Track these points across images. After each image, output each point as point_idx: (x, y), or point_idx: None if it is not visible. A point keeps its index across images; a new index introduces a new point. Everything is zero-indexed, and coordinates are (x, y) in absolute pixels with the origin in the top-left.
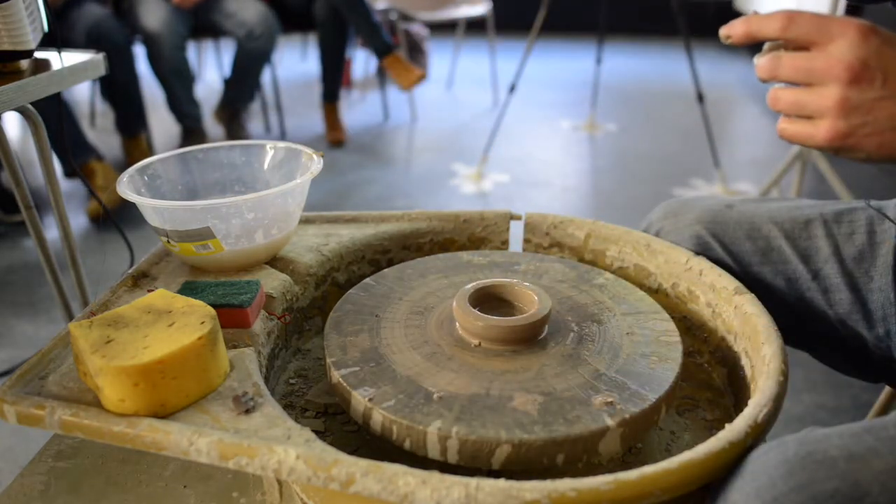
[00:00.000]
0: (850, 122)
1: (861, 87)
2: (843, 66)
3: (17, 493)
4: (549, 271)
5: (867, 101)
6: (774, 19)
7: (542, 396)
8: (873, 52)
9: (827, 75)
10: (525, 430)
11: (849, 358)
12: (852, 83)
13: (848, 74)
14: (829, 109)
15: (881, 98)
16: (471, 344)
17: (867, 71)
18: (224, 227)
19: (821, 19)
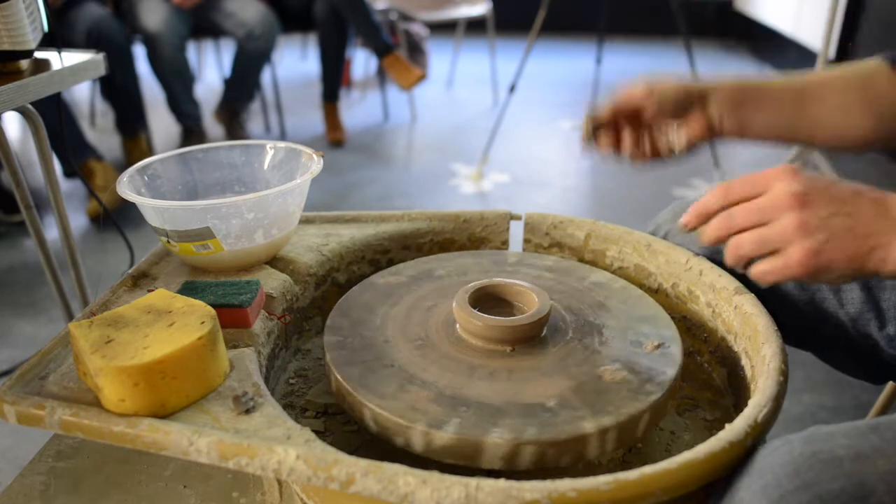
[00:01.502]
0: (816, 239)
1: (812, 209)
2: (791, 197)
3: (17, 493)
4: (548, 271)
5: (822, 219)
6: (714, 195)
7: (542, 396)
8: (808, 183)
9: (779, 208)
10: (527, 430)
11: (856, 359)
12: (804, 207)
13: (797, 201)
14: (792, 234)
15: (832, 215)
16: (471, 343)
17: (811, 196)
18: (224, 227)
19: (753, 176)
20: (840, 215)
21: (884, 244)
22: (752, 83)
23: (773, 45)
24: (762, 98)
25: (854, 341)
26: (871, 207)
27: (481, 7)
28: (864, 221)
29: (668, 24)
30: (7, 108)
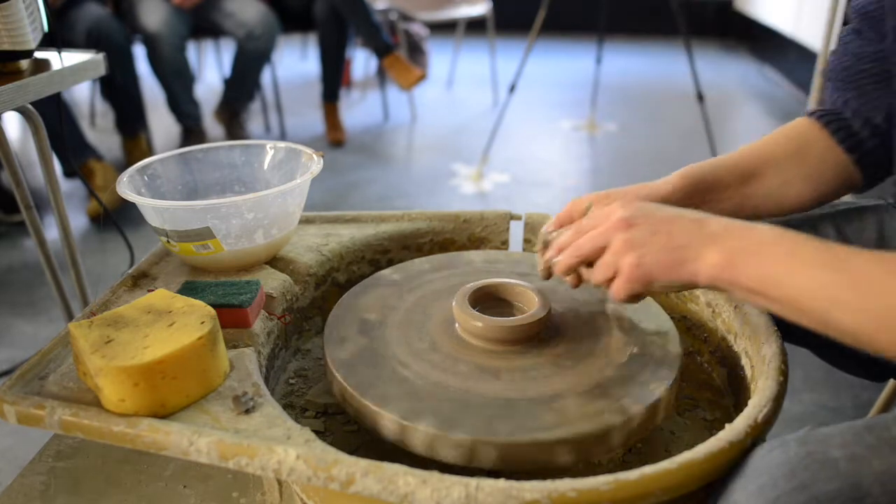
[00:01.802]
0: (638, 253)
1: (636, 229)
2: (618, 222)
3: (17, 493)
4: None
5: (643, 236)
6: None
7: (542, 396)
8: (636, 209)
9: (612, 230)
10: (528, 431)
11: (854, 357)
12: (629, 228)
13: (623, 224)
14: (622, 251)
15: (653, 233)
16: (471, 344)
17: (635, 220)
18: (224, 227)
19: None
20: (659, 233)
21: (694, 257)
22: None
23: (773, 45)
24: (710, 191)
25: None
26: (688, 225)
27: (481, 7)
28: (679, 236)
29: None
30: (7, 108)
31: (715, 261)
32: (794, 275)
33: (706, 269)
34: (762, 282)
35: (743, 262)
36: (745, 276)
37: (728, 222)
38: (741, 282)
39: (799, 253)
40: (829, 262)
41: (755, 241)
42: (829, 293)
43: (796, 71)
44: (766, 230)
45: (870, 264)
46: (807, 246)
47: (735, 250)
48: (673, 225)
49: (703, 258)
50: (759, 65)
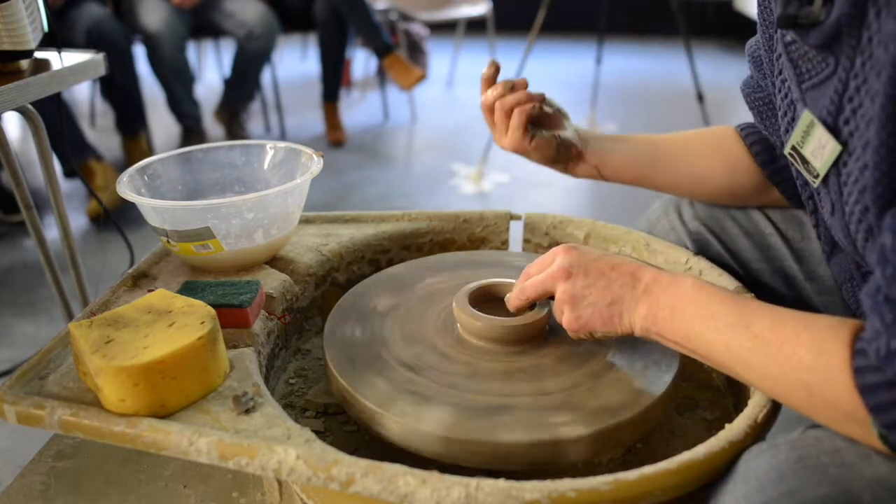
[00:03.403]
0: (575, 308)
1: (572, 281)
2: (557, 272)
3: (17, 493)
4: None
5: (580, 289)
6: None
7: (542, 397)
8: (574, 259)
9: (552, 280)
10: (527, 431)
11: None
12: (566, 280)
13: (561, 275)
14: (561, 303)
15: (588, 286)
16: (471, 344)
17: (573, 270)
18: (224, 227)
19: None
20: (595, 286)
21: (627, 310)
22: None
23: None
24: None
25: None
26: (622, 278)
27: (481, 7)
28: (614, 290)
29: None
30: (7, 108)
31: (644, 315)
32: (707, 335)
33: (638, 321)
34: (683, 338)
35: (666, 319)
36: (668, 331)
37: (657, 276)
38: (666, 336)
39: (713, 314)
40: (736, 323)
41: (678, 298)
42: (739, 356)
43: None
44: (689, 287)
45: (775, 331)
46: (718, 304)
47: (660, 306)
48: (609, 278)
49: (635, 312)
50: None
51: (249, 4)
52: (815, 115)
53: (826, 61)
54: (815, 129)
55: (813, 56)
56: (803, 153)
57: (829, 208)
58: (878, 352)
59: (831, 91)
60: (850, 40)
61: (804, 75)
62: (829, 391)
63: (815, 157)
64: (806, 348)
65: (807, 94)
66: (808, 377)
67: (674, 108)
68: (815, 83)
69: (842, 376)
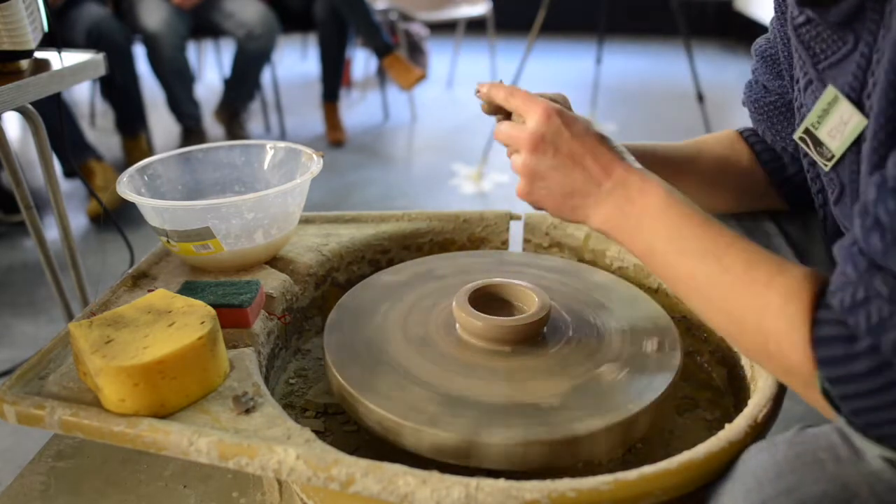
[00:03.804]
0: (531, 183)
1: (538, 155)
2: (527, 138)
3: (17, 493)
4: (548, 271)
5: (543, 168)
6: (501, 90)
7: (541, 396)
8: (552, 130)
9: (518, 143)
10: (526, 431)
11: None
12: (531, 152)
13: (528, 145)
14: (517, 169)
15: (553, 167)
16: (471, 343)
17: (542, 144)
18: (224, 227)
19: (528, 98)
20: (558, 170)
21: (584, 205)
22: (652, 150)
23: None
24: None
25: None
26: (590, 171)
27: (481, 7)
28: (574, 182)
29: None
30: (7, 108)
31: (605, 217)
32: (671, 258)
33: (596, 221)
34: (644, 252)
35: (629, 229)
36: (629, 240)
37: (626, 177)
38: (625, 244)
39: (682, 236)
40: (705, 252)
41: (645, 210)
42: (700, 286)
43: None
44: (658, 198)
45: (748, 270)
46: (689, 227)
47: (625, 214)
48: (574, 166)
49: (595, 211)
50: None
51: (249, 4)
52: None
53: (843, 39)
54: (837, 105)
55: (828, 36)
56: (818, 135)
57: (836, 195)
58: (842, 302)
59: (853, 67)
60: (874, 15)
61: (819, 56)
62: (786, 340)
63: (833, 138)
64: (777, 293)
65: (825, 74)
66: (771, 323)
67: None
68: (832, 62)
69: (803, 327)
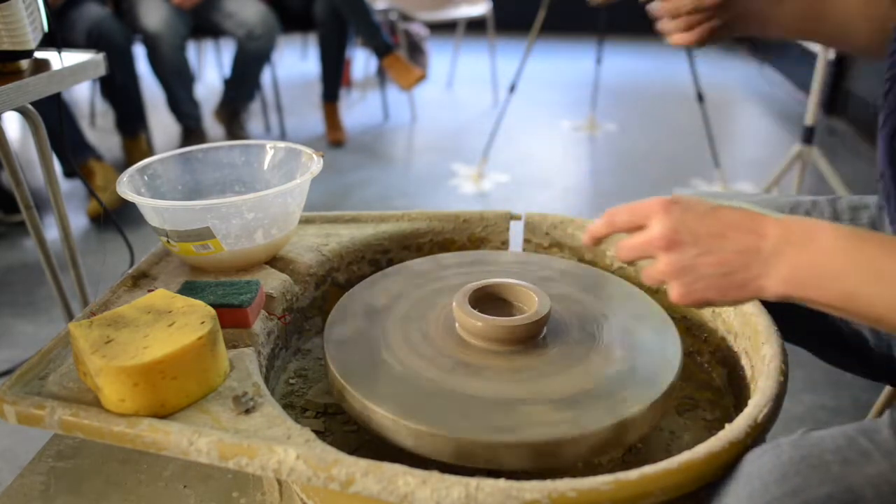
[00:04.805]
0: (684, 281)
1: (678, 251)
2: (658, 239)
3: (17, 493)
4: (548, 271)
5: (688, 260)
6: (601, 224)
7: (541, 396)
8: (677, 218)
9: (651, 249)
10: (525, 431)
11: (851, 356)
12: (669, 250)
13: (663, 244)
14: (663, 274)
15: (698, 255)
16: (471, 344)
17: (678, 236)
18: (224, 227)
19: (632, 207)
20: (705, 254)
21: (752, 278)
22: None
23: (772, 45)
24: None
25: (847, 338)
26: (742, 242)
27: (481, 7)
28: (732, 259)
29: None
30: (7, 108)
31: (781, 280)
32: (868, 288)
33: (773, 288)
34: (843, 300)
35: (814, 279)
36: (820, 295)
37: (786, 232)
38: (817, 300)
39: (878, 269)
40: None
41: (823, 256)
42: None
43: (796, 71)
44: (828, 234)
45: None
46: (872, 248)
47: (802, 267)
48: (725, 242)
49: (766, 279)
50: (759, 65)
51: (249, 4)
52: None
53: None
54: None
55: None
56: None
57: None
58: None
59: None
60: None
61: None
62: None
63: None
64: None
65: None
66: None
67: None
68: None
69: None
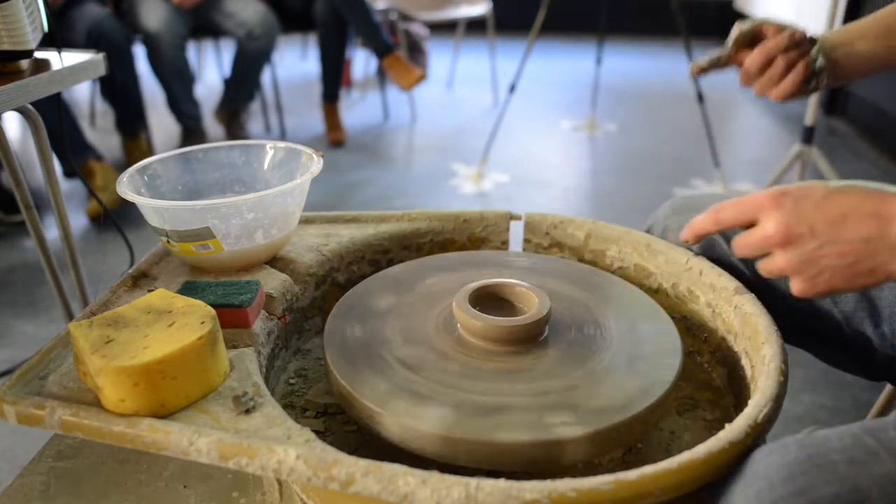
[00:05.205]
0: (807, 275)
1: (796, 246)
2: (774, 236)
3: (17, 493)
4: (549, 271)
5: (808, 254)
6: (706, 220)
7: (541, 397)
8: (791, 214)
9: (768, 247)
10: (527, 431)
11: (852, 357)
12: (787, 246)
13: (780, 240)
14: (784, 271)
15: (819, 247)
16: (471, 343)
17: (794, 230)
18: (224, 227)
19: (739, 202)
20: (826, 245)
21: (881, 264)
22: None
23: None
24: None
25: (848, 339)
26: (861, 228)
27: (481, 7)
28: (856, 249)
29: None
30: (7, 108)
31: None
32: None
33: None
34: None
35: None
36: None
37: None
38: None
39: None
40: None
41: None
42: None
43: None
44: None
45: None
46: None
47: None
48: (846, 231)
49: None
50: None
51: (249, 4)
52: None
53: None
54: None
55: None
56: None
57: None
58: None
59: None
60: None
61: None
62: None
63: None
64: None
65: None
66: None
67: (674, 108)
68: None
69: None
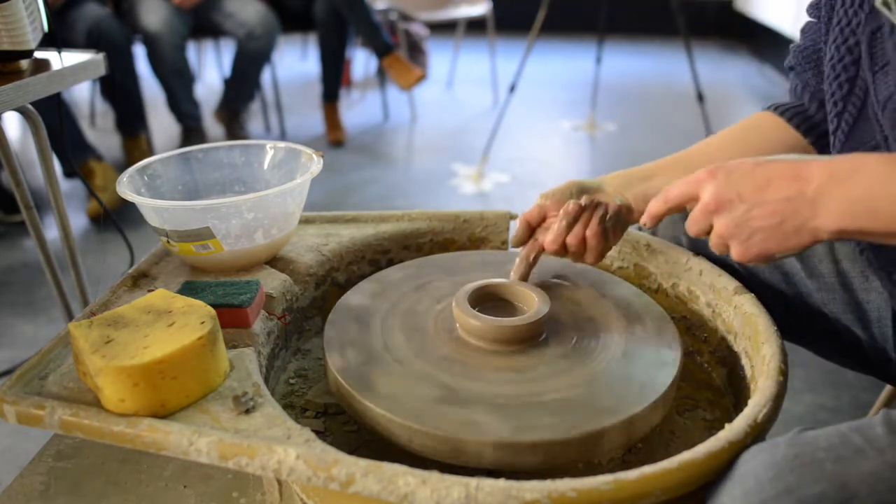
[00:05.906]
0: (740, 239)
1: (728, 210)
2: (709, 203)
3: (17, 493)
4: (548, 271)
5: (738, 217)
6: (658, 201)
7: (541, 397)
8: (722, 183)
9: (706, 216)
10: (525, 431)
11: (846, 354)
12: (720, 212)
13: (714, 207)
14: (721, 237)
15: (748, 209)
16: (471, 344)
17: (724, 196)
18: (224, 227)
19: (683, 181)
20: (753, 207)
21: (806, 220)
22: (637, 168)
23: (773, 45)
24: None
25: (841, 338)
26: (782, 189)
27: (481, 7)
28: (779, 209)
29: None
30: (7, 108)
31: (835, 216)
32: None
33: (828, 224)
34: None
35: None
36: (875, 223)
37: (829, 169)
38: (872, 230)
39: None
40: None
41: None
42: None
43: None
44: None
45: None
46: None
47: (853, 199)
48: (769, 193)
49: (822, 218)
50: (759, 65)
51: (249, 4)
52: None
53: None
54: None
55: None
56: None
57: None
58: None
59: None
60: None
61: None
62: None
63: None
64: None
65: None
66: None
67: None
68: None
69: None
